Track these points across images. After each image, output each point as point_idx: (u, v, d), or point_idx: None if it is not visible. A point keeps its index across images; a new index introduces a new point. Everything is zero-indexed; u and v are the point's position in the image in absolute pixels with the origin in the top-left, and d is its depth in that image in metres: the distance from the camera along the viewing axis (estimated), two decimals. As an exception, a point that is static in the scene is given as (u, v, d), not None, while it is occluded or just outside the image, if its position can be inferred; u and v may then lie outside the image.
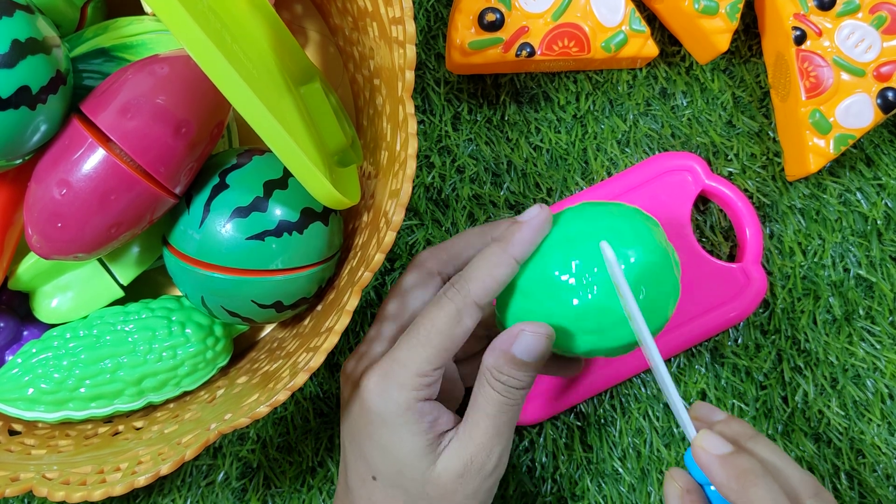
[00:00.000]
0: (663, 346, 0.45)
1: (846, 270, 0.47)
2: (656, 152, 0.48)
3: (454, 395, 0.39)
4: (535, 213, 0.34)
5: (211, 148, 0.37)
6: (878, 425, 0.46)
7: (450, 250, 0.37)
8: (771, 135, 0.48)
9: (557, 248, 0.34)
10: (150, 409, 0.42)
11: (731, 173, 0.48)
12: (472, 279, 0.33)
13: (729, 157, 0.48)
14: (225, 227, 0.36)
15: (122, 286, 0.41)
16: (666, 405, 0.47)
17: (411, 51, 0.33)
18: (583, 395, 0.45)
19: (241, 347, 0.46)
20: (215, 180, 0.37)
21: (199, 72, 0.36)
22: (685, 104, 0.48)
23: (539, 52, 0.44)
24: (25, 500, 0.46)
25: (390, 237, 0.33)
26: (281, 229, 0.36)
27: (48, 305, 0.41)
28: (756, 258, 0.45)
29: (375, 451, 0.34)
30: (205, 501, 0.46)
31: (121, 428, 0.41)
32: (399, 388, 0.33)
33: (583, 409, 0.46)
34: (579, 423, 0.46)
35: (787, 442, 0.46)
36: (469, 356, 0.40)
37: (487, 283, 0.33)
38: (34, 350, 0.40)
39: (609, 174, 0.48)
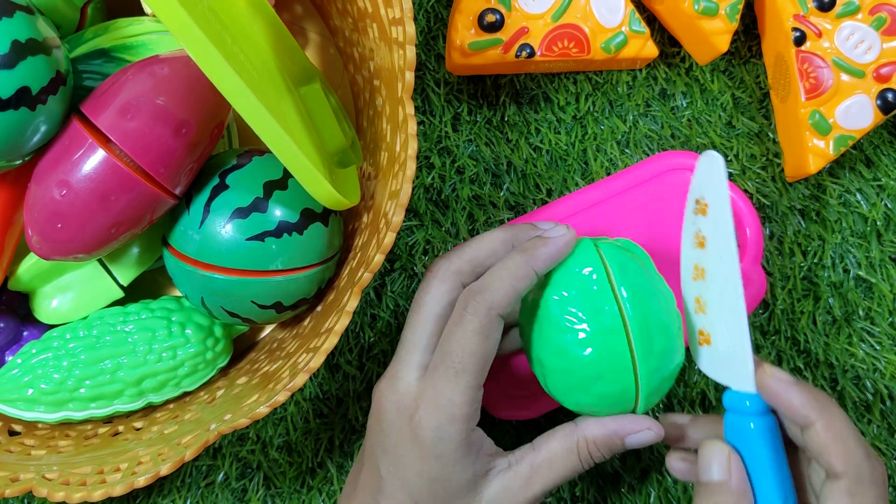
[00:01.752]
0: None
1: (846, 271, 0.47)
2: (656, 153, 0.48)
3: None
4: (563, 233, 0.34)
5: (211, 148, 0.37)
6: (878, 426, 0.46)
7: (472, 259, 0.35)
8: (771, 136, 0.48)
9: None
10: (149, 409, 0.42)
11: (730, 174, 0.48)
12: (494, 290, 0.32)
13: (729, 158, 0.48)
14: (225, 228, 0.36)
15: (121, 287, 0.41)
16: (667, 406, 0.47)
17: (411, 52, 0.33)
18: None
19: (241, 348, 0.46)
20: (215, 181, 0.37)
21: (198, 72, 0.36)
22: (685, 105, 0.48)
23: (539, 53, 0.44)
24: (25, 501, 0.46)
25: (390, 238, 0.33)
26: (281, 230, 0.36)
27: (48, 306, 0.41)
28: (756, 259, 0.45)
29: (422, 482, 0.33)
30: (204, 502, 0.46)
31: (121, 428, 0.41)
32: (451, 422, 0.32)
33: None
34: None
35: (786, 443, 0.46)
36: None
37: (510, 295, 0.32)
38: (34, 350, 0.40)
39: (609, 175, 0.48)
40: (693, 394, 0.46)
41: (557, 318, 0.33)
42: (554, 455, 0.33)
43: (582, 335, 0.32)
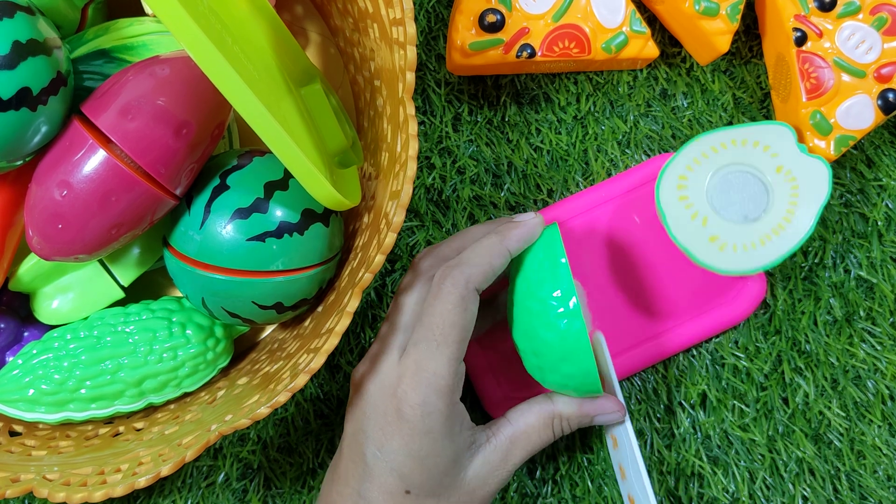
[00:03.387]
0: (662, 345, 0.45)
1: (847, 271, 0.47)
2: (657, 153, 0.48)
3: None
4: (532, 216, 0.36)
5: (211, 149, 0.37)
6: (879, 426, 0.46)
7: (459, 248, 0.37)
8: (771, 136, 0.48)
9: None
10: (150, 410, 0.42)
11: (731, 174, 0.48)
12: (472, 264, 0.34)
13: (729, 159, 0.48)
14: (225, 229, 0.36)
15: (122, 287, 0.41)
16: (667, 407, 0.47)
17: (412, 52, 0.33)
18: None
19: (242, 348, 0.46)
20: (216, 181, 0.37)
21: (199, 73, 0.36)
22: (686, 105, 0.48)
23: (540, 54, 0.44)
24: (26, 502, 0.46)
25: (391, 238, 0.33)
26: (281, 230, 0.36)
27: (49, 306, 0.41)
28: (757, 259, 0.45)
29: (413, 462, 0.33)
30: (205, 502, 0.46)
31: (121, 429, 0.41)
32: (437, 394, 0.33)
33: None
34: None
35: (787, 443, 0.46)
36: None
37: (486, 270, 0.34)
38: (35, 351, 0.40)
39: (609, 175, 0.48)
40: (694, 394, 0.46)
41: (525, 303, 0.35)
42: (531, 428, 0.36)
43: (545, 318, 0.34)
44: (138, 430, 0.40)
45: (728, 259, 0.40)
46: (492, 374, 0.44)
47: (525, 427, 0.36)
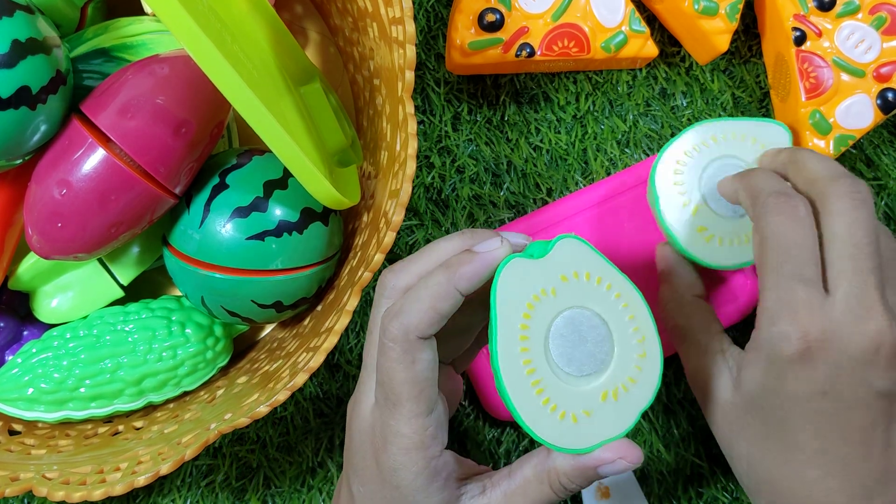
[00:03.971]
0: (662, 344, 0.45)
1: (846, 271, 0.47)
2: (656, 152, 0.48)
3: (454, 398, 0.36)
4: (495, 245, 0.30)
5: (211, 148, 0.37)
6: (878, 426, 0.46)
7: (421, 274, 0.32)
8: (771, 135, 0.48)
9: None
10: (149, 409, 0.42)
11: (730, 174, 0.48)
12: (412, 313, 0.29)
13: (729, 158, 0.48)
14: (225, 227, 0.36)
15: (122, 286, 0.41)
16: (666, 406, 0.47)
17: (411, 51, 0.33)
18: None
19: (241, 347, 0.46)
20: (215, 180, 0.37)
21: (198, 72, 0.36)
22: (685, 104, 0.48)
23: (539, 53, 0.44)
24: (25, 500, 0.46)
25: (390, 237, 0.33)
26: (281, 229, 0.36)
27: (48, 305, 0.41)
28: (756, 258, 0.45)
29: None
30: (204, 501, 0.46)
31: (121, 428, 0.41)
32: (404, 453, 0.30)
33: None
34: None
35: (786, 442, 0.46)
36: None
37: (430, 317, 0.29)
38: (34, 350, 0.40)
39: (609, 174, 0.48)
40: (692, 395, 0.46)
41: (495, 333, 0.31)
42: (527, 482, 0.31)
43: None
44: (137, 428, 0.40)
45: (712, 252, 0.40)
46: (489, 374, 0.44)
47: (521, 481, 0.31)
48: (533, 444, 0.46)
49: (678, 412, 0.46)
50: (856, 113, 0.43)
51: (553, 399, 0.30)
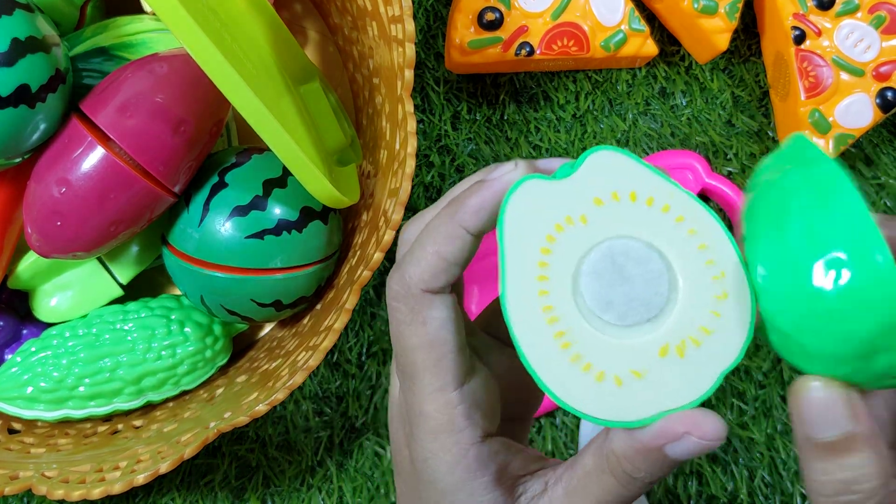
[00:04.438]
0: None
1: (845, 270, 0.47)
2: (656, 151, 0.48)
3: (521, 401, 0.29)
4: (505, 171, 0.25)
5: (210, 146, 0.37)
6: (878, 425, 0.46)
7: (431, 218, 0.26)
8: (770, 134, 0.48)
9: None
10: (149, 407, 0.42)
11: (730, 173, 0.48)
12: (412, 262, 0.24)
13: (728, 157, 0.48)
14: (224, 226, 0.36)
15: (121, 285, 0.41)
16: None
17: (410, 49, 0.33)
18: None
19: (241, 346, 0.46)
20: (214, 179, 0.37)
21: (198, 70, 0.36)
22: (684, 104, 0.48)
23: (538, 52, 0.44)
24: (25, 500, 0.46)
25: (389, 236, 0.33)
26: (280, 228, 0.36)
27: (47, 304, 0.41)
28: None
29: None
30: (204, 500, 0.46)
31: (120, 427, 0.41)
32: (432, 437, 0.24)
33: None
34: (577, 421, 0.46)
35: (786, 441, 0.46)
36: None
37: (434, 265, 0.24)
38: (33, 349, 0.40)
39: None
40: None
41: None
42: (587, 475, 0.24)
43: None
44: (137, 427, 0.40)
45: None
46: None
47: (582, 474, 0.24)
48: (530, 446, 0.46)
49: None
50: (855, 112, 0.43)
51: (586, 355, 0.22)
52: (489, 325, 0.29)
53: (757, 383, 0.46)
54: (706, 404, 0.33)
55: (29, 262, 0.40)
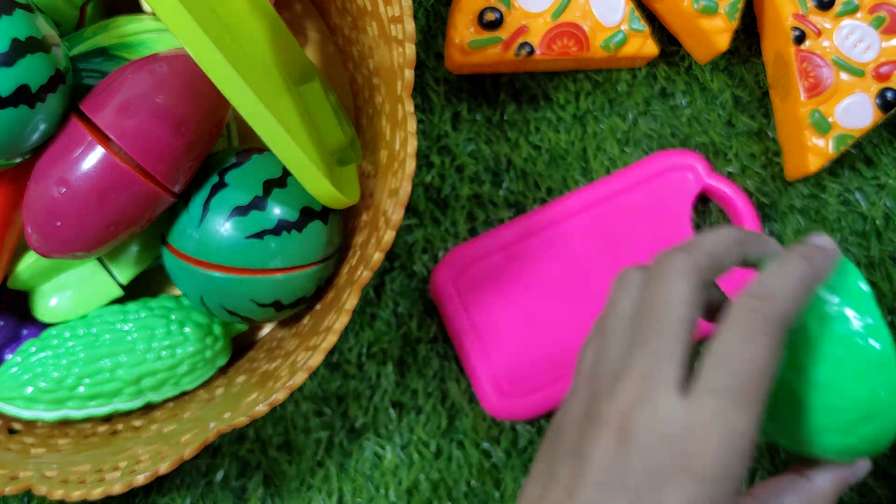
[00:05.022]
0: None
1: (845, 270, 0.47)
2: (656, 152, 0.48)
3: None
4: (832, 244, 0.29)
5: (210, 147, 0.37)
6: (878, 425, 0.46)
7: (713, 254, 0.28)
8: (770, 135, 0.48)
9: None
10: (148, 408, 0.42)
11: (730, 173, 0.48)
12: (786, 298, 0.26)
13: (728, 157, 0.48)
14: (224, 226, 0.36)
15: (121, 285, 0.41)
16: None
17: (410, 49, 0.33)
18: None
19: (241, 347, 0.46)
20: (214, 179, 0.37)
21: (198, 71, 0.36)
22: (685, 104, 0.48)
23: (538, 52, 0.44)
24: (24, 500, 0.46)
25: (389, 236, 0.33)
26: (280, 228, 0.36)
27: (47, 304, 0.41)
28: (755, 258, 0.45)
29: None
30: (204, 501, 0.46)
31: (119, 427, 0.41)
32: (740, 456, 0.25)
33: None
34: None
35: (786, 442, 0.46)
36: None
37: (799, 304, 0.26)
38: (33, 349, 0.40)
39: (608, 173, 0.48)
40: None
41: (818, 349, 0.28)
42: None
43: (855, 359, 0.28)
44: (137, 428, 0.40)
45: None
46: (489, 370, 0.44)
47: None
48: (530, 446, 0.46)
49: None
50: (855, 112, 0.43)
51: None
52: None
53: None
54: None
55: (28, 263, 0.40)
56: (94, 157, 0.34)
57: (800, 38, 0.43)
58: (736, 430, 0.25)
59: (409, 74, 0.33)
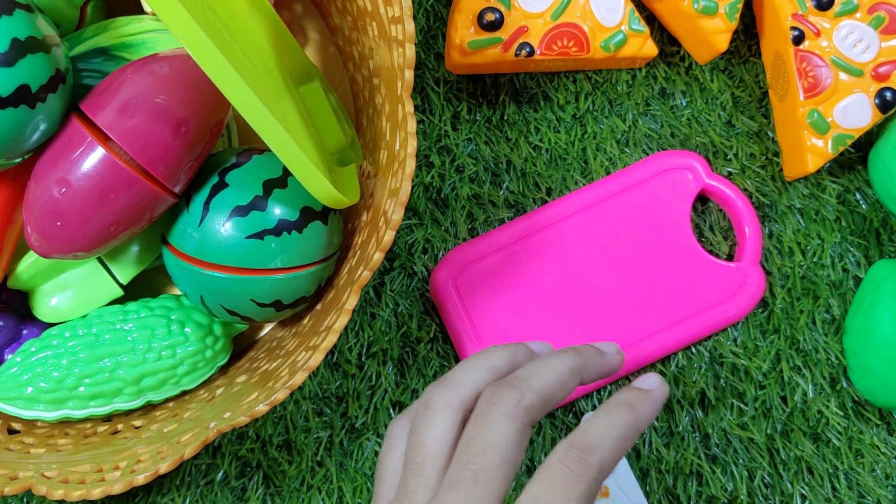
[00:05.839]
0: (660, 343, 0.45)
1: (845, 270, 0.47)
2: (656, 152, 0.48)
3: None
4: (659, 385, 0.29)
5: (210, 147, 0.37)
6: (878, 425, 0.46)
7: (543, 394, 0.28)
8: (770, 135, 0.48)
9: None
10: (149, 407, 0.42)
11: (730, 173, 0.48)
12: (534, 388, 0.27)
13: (728, 157, 0.48)
14: (224, 226, 0.36)
15: (121, 285, 0.41)
16: (666, 405, 0.47)
17: (410, 50, 0.33)
18: (580, 392, 0.45)
19: (241, 346, 0.46)
20: (215, 179, 0.37)
21: (198, 71, 0.36)
22: (684, 104, 0.48)
23: (538, 52, 0.44)
24: (24, 500, 0.46)
25: (389, 236, 0.33)
26: (280, 228, 0.36)
27: (47, 304, 0.41)
28: (755, 258, 0.45)
29: None
30: (204, 500, 0.46)
31: (120, 427, 0.41)
32: None
33: (581, 408, 0.46)
34: (577, 422, 0.46)
35: (786, 441, 0.46)
36: None
37: (553, 397, 0.27)
38: (33, 349, 0.40)
39: (608, 174, 0.48)
40: (693, 392, 0.46)
41: None
42: None
43: None
44: (137, 427, 0.40)
45: None
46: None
47: None
48: (530, 446, 0.46)
49: (676, 410, 0.46)
50: (854, 112, 0.43)
51: None
52: None
53: (757, 384, 0.46)
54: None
55: (29, 262, 0.40)
56: (95, 157, 0.34)
57: (799, 39, 0.44)
58: None
59: (409, 75, 0.33)
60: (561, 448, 0.26)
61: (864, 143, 0.48)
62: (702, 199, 0.48)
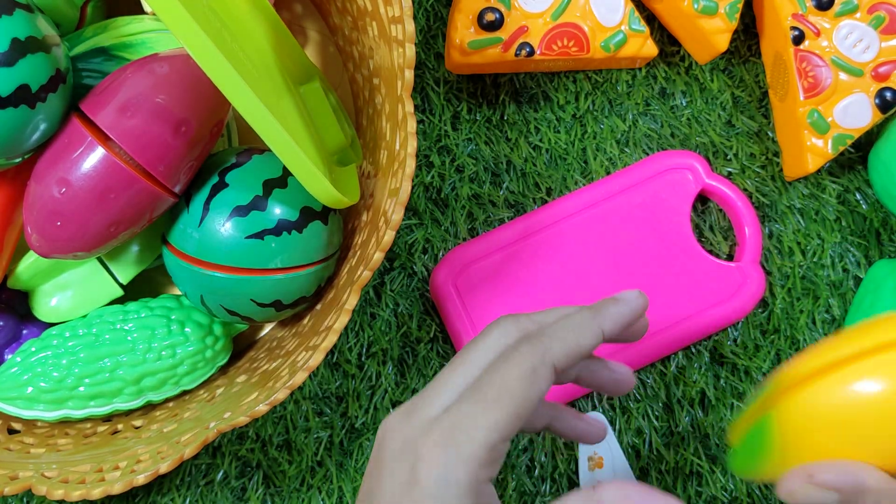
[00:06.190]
0: (660, 343, 0.45)
1: (845, 270, 0.47)
2: (656, 152, 0.48)
3: None
4: (635, 297, 0.31)
5: (210, 147, 0.37)
6: (877, 425, 0.46)
7: (541, 322, 0.31)
8: (770, 135, 0.48)
9: None
10: (149, 407, 0.42)
11: (730, 173, 0.48)
12: (555, 338, 0.29)
13: (728, 157, 0.48)
14: (224, 226, 0.36)
15: (121, 285, 0.41)
16: (666, 405, 0.47)
17: (410, 50, 0.33)
18: (580, 391, 0.45)
19: (241, 346, 0.46)
20: (215, 179, 0.37)
21: (198, 71, 0.36)
22: (684, 104, 0.48)
23: (538, 52, 0.44)
24: (24, 500, 0.46)
25: (389, 236, 0.33)
26: (280, 228, 0.36)
27: (47, 304, 0.41)
28: (755, 258, 0.45)
29: None
30: (204, 500, 0.46)
31: (120, 427, 0.41)
32: (463, 461, 0.26)
33: (581, 408, 0.46)
34: (578, 423, 0.46)
35: (785, 441, 0.46)
36: None
37: (571, 348, 0.29)
38: (33, 349, 0.40)
39: (608, 174, 0.48)
40: (693, 392, 0.46)
41: None
42: None
43: None
44: (137, 427, 0.40)
45: None
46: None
47: None
48: (530, 445, 0.46)
49: (676, 410, 0.46)
50: (854, 112, 0.43)
51: None
52: None
53: (757, 384, 0.46)
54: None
55: (29, 263, 0.40)
56: (95, 157, 0.34)
57: (799, 38, 0.44)
58: (463, 432, 0.27)
59: (409, 75, 0.33)
60: (520, 341, 0.29)
61: (864, 143, 0.48)
62: (702, 199, 0.48)
